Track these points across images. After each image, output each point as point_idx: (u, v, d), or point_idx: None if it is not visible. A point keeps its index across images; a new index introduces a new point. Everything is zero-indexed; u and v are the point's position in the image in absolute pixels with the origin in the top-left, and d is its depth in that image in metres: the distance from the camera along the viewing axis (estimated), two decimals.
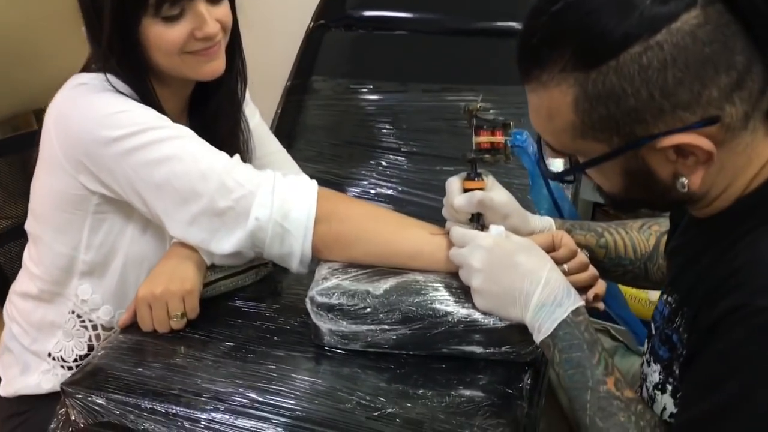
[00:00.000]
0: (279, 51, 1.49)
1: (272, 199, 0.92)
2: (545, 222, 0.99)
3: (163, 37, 0.94)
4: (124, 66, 0.96)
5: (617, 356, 1.17)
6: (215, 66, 0.99)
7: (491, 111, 0.94)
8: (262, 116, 1.22)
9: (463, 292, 0.89)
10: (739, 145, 0.66)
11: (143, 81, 0.98)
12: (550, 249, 0.91)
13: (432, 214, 1.16)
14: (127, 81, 0.97)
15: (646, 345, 0.85)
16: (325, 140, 1.35)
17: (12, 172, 1.33)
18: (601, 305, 0.94)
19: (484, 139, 0.92)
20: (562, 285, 0.81)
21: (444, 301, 0.88)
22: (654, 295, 1.62)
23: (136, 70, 0.97)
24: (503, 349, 0.88)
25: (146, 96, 0.98)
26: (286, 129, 1.36)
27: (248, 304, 1.01)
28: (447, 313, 0.87)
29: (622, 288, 1.13)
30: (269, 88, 1.41)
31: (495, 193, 0.93)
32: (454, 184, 0.95)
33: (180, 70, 0.98)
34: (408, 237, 0.94)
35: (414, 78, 1.36)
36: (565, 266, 0.91)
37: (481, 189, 0.92)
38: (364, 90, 1.37)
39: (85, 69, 1.00)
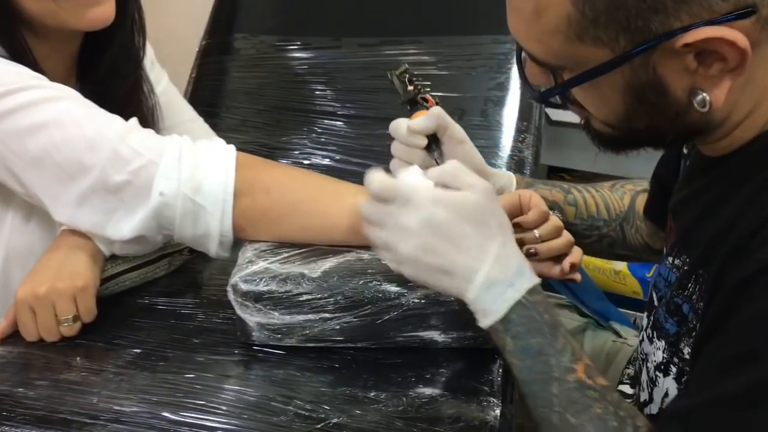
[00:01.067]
0: (190, 5, 1.33)
1: (179, 168, 0.76)
2: (505, 177, 0.87)
3: None
4: None
5: (588, 334, 1.06)
6: (102, 12, 0.82)
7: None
8: (173, 81, 1.07)
9: None
10: None
11: (11, 32, 0.80)
12: (516, 211, 0.79)
13: None
14: None
15: (645, 320, 0.72)
16: (249, 106, 1.20)
17: None
18: (578, 276, 0.81)
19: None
20: (516, 261, 0.65)
21: (395, 281, 0.74)
22: (620, 265, 1.52)
23: (2, 19, 0.79)
24: (468, 333, 0.76)
25: (16, 51, 0.80)
26: (202, 95, 1.21)
27: (160, 300, 0.86)
28: (400, 295, 0.74)
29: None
30: (180, 49, 1.27)
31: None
32: (400, 119, 0.83)
33: (57, 17, 0.80)
34: (347, 207, 0.79)
35: (348, 32, 1.22)
36: (536, 232, 0.78)
37: None
38: (292, 47, 1.22)
39: None
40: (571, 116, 1.39)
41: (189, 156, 0.77)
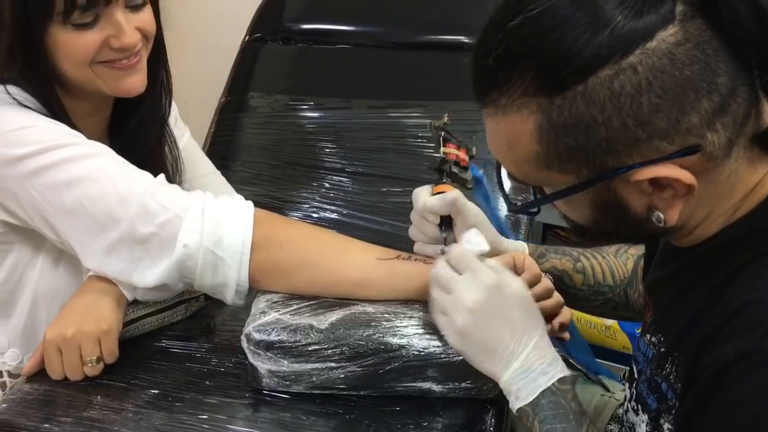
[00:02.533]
0: (212, 66, 1.41)
1: (202, 223, 0.82)
2: (518, 245, 0.92)
3: (73, 45, 0.84)
4: (29, 77, 0.86)
5: (577, 386, 1.11)
6: (135, 81, 0.89)
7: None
8: (194, 136, 1.13)
9: (418, 324, 0.81)
10: (721, 174, 0.60)
11: (51, 94, 0.88)
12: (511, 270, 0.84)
13: (380, 238, 1.10)
14: (33, 93, 0.86)
15: (628, 390, 0.78)
16: (262, 161, 1.27)
17: None
18: (566, 335, 0.87)
19: (451, 150, 0.88)
20: (551, 351, 0.73)
21: (397, 334, 0.80)
22: (610, 320, 1.57)
23: (42, 82, 0.87)
24: (463, 384, 0.80)
25: (55, 111, 0.88)
26: (220, 149, 1.28)
27: (176, 344, 0.90)
28: (400, 347, 0.79)
29: (575, 313, 1.07)
30: (201, 106, 1.33)
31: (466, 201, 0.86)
32: (422, 190, 0.87)
33: (94, 83, 0.88)
34: (355, 262, 0.86)
35: (358, 94, 1.30)
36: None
37: None
38: (305, 107, 1.30)
39: None
40: None
41: (211, 211, 0.84)
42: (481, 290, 0.73)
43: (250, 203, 0.88)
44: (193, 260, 0.83)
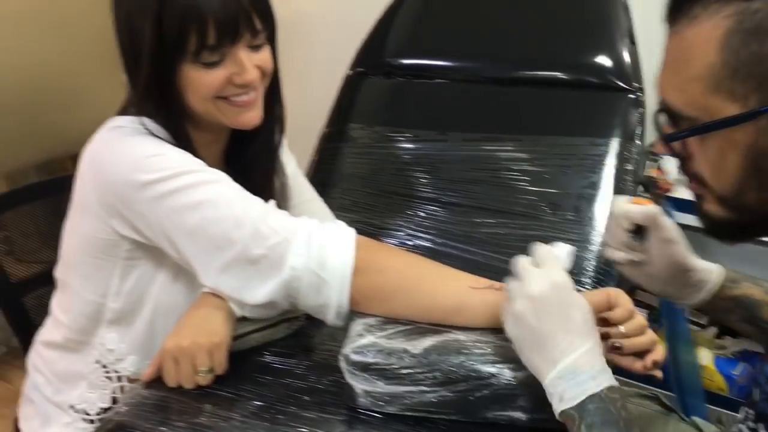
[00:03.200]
0: (316, 98, 1.47)
1: (308, 247, 0.88)
2: (711, 266, 0.90)
3: (201, 81, 0.92)
4: (161, 110, 0.94)
5: (670, 426, 1.09)
6: (252, 116, 0.97)
7: None
8: (298, 164, 1.20)
9: (509, 354, 0.82)
10: None
11: (179, 125, 0.96)
12: (603, 308, 0.85)
13: (471, 268, 1.11)
14: (164, 125, 0.95)
15: (742, 412, 0.75)
16: (361, 189, 1.31)
17: (46, 216, 1.32)
18: (659, 373, 0.86)
19: (660, 176, 0.90)
20: (602, 362, 0.72)
21: (488, 362, 0.82)
22: (705, 360, 1.53)
23: (172, 114, 0.95)
24: (554, 416, 0.78)
25: (182, 141, 0.96)
26: (321, 177, 1.33)
27: (278, 360, 0.96)
28: (491, 375, 0.81)
29: None
30: (305, 135, 1.39)
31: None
32: (621, 197, 0.89)
33: (215, 116, 0.96)
34: (450, 290, 0.89)
35: (454, 127, 1.33)
36: (622, 327, 0.84)
37: None
38: (402, 138, 1.34)
39: (122, 113, 0.98)
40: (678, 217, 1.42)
41: (317, 236, 0.90)
42: (549, 283, 0.73)
43: (352, 230, 0.93)
44: (299, 281, 0.88)
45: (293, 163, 1.17)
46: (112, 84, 1.03)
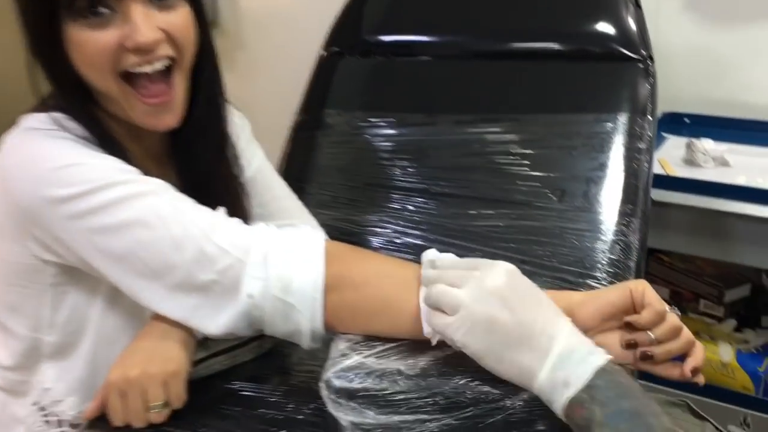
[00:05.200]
0: (286, 82, 1.34)
1: (266, 268, 0.74)
2: None
3: (87, 44, 0.75)
4: (62, 92, 0.79)
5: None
6: (167, 120, 0.81)
7: None
8: (267, 157, 1.05)
9: None
10: None
11: (93, 115, 0.81)
12: (628, 308, 0.73)
13: None
14: (76, 117, 0.79)
15: None
16: (340, 182, 1.18)
17: None
18: (701, 379, 0.73)
19: None
20: (587, 338, 0.65)
21: (500, 380, 0.69)
22: (727, 356, 1.41)
23: (77, 100, 0.80)
24: None
25: (104, 138, 0.80)
26: (295, 171, 1.20)
27: (248, 386, 0.82)
28: (504, 396, 0.69)
29: None
30: (276, 125, 1.26)
31: None
32: None
33: (129, 118, 0.81)
34: None
35: (443, 109, 1.20)
36: (651, 333, 0.71)
37: None
38: (385, 124, 1.21)
39: (38, 108, 0.81)
40: (674, 197, 1.33)
41: (276, 252, 0.75)
42: (504, 272, 0.67)
43: (320, 235, 0.79)
44: (261, 309, 0.75)
45: (260, 154, 1.03)
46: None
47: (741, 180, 1.31)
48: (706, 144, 1.37)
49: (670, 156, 1.42)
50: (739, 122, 1.48)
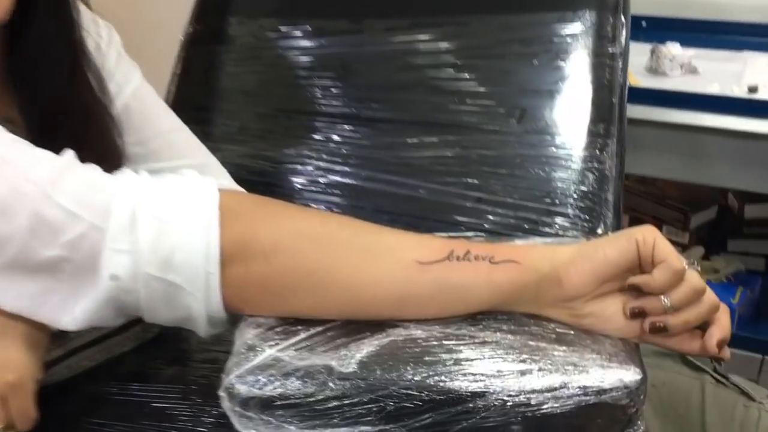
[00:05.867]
0: None
1: (136, 234, 0.53)
2: None
3: None
4: None
5: (707, 392, 0.85)
6: None
7: None
8: (151, 81, 0.84)
9: (499, 355, 0.54)
10: None
11: None
12: (632, 267, 0.57)
13: (414, 211, 0.83)
14: None
15: None
16: (248, 109, 0.99)
17: None
18: (726, 354, 0.59)
19: None
20: None
21: (467, 373, 0.52)
22: None
23: None
24: None
25: None
26: (189, 96, 0.99)
27: (131, 387, 0.65)
28: (474, 394, 0.52)
29: None
30: (159, 39, 1.06)
31: None
32: None
33: None
34: (384, 274, 0.56)
35: (370, 13, 0.99)
36: (666, 299, 0.56)
37: None
38: (300, 34, 1.00)
39: None
40: (636, 111, 1.19)
41: (148, 211, 0.54)
42: None
43: (211, 183, 0.58)
44: (132, 294, 0.54)
45: (137, 76, 0.81)
46: None
47: (713, 89, 1.16)
48: (673, 49, 1.22)
49: (630, 64, 1.27)
50: (704, 24, 1.33)
